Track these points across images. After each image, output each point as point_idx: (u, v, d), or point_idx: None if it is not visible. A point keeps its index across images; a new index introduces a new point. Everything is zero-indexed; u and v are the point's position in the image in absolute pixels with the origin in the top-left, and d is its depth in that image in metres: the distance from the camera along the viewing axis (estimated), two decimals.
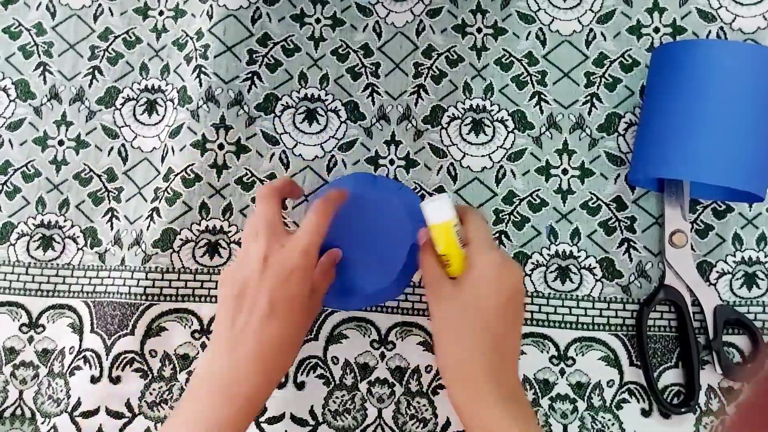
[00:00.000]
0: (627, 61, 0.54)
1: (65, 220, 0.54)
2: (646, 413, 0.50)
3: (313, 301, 0.43)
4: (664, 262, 0.51)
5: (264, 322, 0.39)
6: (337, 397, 0.50)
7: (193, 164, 0.53)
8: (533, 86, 0.54)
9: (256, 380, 0.39)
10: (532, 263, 0.52)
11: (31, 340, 0.52)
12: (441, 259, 0.42)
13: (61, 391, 0.50)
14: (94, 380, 0.50)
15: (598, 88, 0.54)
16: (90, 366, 0.50)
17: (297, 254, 0.40)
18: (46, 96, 0.56)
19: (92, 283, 0.53)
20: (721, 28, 0.54)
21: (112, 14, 0.57)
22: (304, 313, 0.42)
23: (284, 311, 0.40)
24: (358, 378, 0.50)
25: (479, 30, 0.55)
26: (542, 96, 0.54)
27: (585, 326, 0.51)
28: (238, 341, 0.39)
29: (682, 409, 0.48)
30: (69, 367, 0.50)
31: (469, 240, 0.41)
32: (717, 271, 0.51)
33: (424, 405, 0.50)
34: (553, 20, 0.55)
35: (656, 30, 0.54)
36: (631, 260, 0.52)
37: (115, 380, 0.50)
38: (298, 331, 0.42)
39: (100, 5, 0.57)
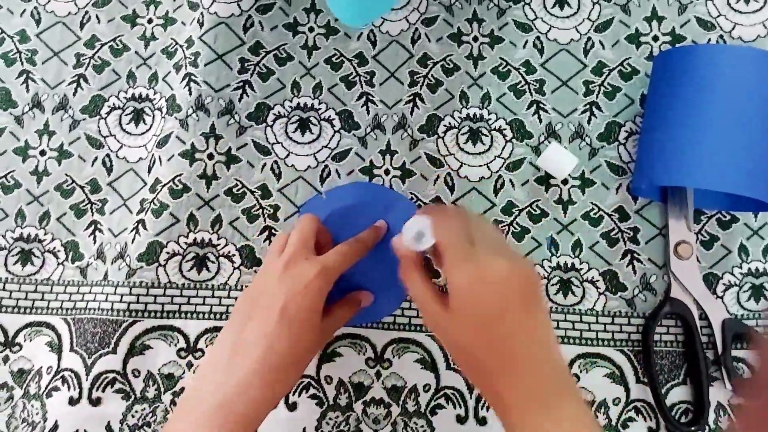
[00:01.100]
0: (626, 69, 0.53)
1: (45, 234, 0.52)
2: None
3: (326, 326, 0.41)
4: (669, 274, 0.49)
5: (273, 331, 0.37)
6: (330, 419, 0.47)
7: (181, 174, 0.51)
8: (531, 95, 0.53)
9: (255, 396, 0.36)
10: None
11: (6, 359, 0.49)
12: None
13: (37, 414, 0.47)
14: (72, 402, 0.47)
15: (597, 97, 0.53)
16: (68, 387, 0.47)
17: (317, 271, 0.39)
18: (29, 105, 0.54)
19: (72, 299, 0.50)
20: (721, 36, 0.53)
21: (99, 22, 0.56)
22: (315, 332, 0.40)
23: (295, 323, 0.38)
24: (353, 398, 0.48)
25: (475, 39, 0.54)
26: (540, 105, 0.53)
27: (589, 342, 0.49)
28: (242, 350, 0.37)
29: (692, 428, 0.46)
30: (46, 388, 0.48)
31: (440, 252, 0.37)
32: (723, 284, 0.50)
33: (422, 426, 0.47)
34: (550, 29, 0.54)
35: (655, 38, 0.54)
36: (635, 272, 0.50)
37: (95, 402, 0.47)
38: (306, 349, 0.40)
39: (86, 12, 0.56)
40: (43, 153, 0.53)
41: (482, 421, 0.47)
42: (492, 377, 0.36)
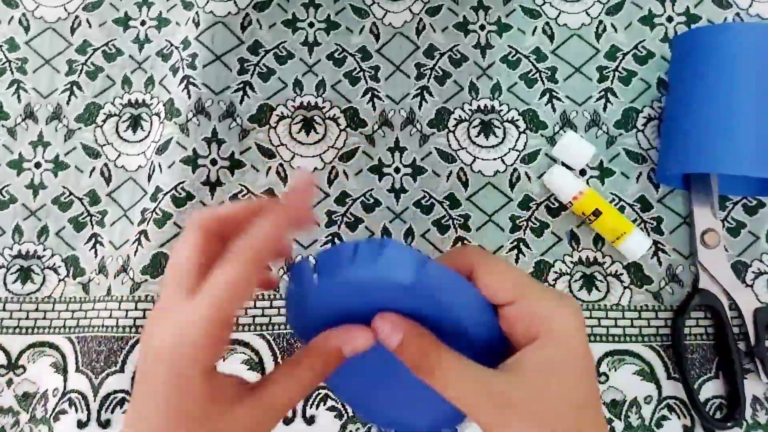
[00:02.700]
0: (641, 52, 0.51)
1: (44, 249, 0.50)
2: (688, 430, 0.45)
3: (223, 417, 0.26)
4: (696, 264, 0.47)
5: (136, 397, 0.27)
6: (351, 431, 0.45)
7: (183, 182, 0.48)
8: (543, 83, 0.51)
9: None
10: (555, 272, 0.48)
11: (10, 383, 0.47)
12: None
13: None
14: (81, 425, 0.45)
15: (612, 83, 0.51)
16: (76, 409, 0.45)
17: (197, 316, 0.25)
18: (21, 115, 0.52)
19: (75, 317, 0.48)
20: (737, 14, 0.51)
21: (90, 26, 0.53)
22: (195, 400, 0.26)
23: (159, 387, 0.26)
24: None
25: (482, 27, 0.52)
26: (554, 93, 0.51)
27: (616, 338, 0.47)
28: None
29: (728, 423, 0.44)
30: (53, 412, 0.46)
31: (503, 292, 0.28)
32: (753, 272, 0.48)
33: None
34: (559, 14, 0.52)
35: (669, 19, 0.52)
36: (660, 264, 0.48)
37: (105, 424, 0.45)
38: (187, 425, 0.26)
39: (77, 17, 0.54)
40: (38, 165, 0.51)
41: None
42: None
